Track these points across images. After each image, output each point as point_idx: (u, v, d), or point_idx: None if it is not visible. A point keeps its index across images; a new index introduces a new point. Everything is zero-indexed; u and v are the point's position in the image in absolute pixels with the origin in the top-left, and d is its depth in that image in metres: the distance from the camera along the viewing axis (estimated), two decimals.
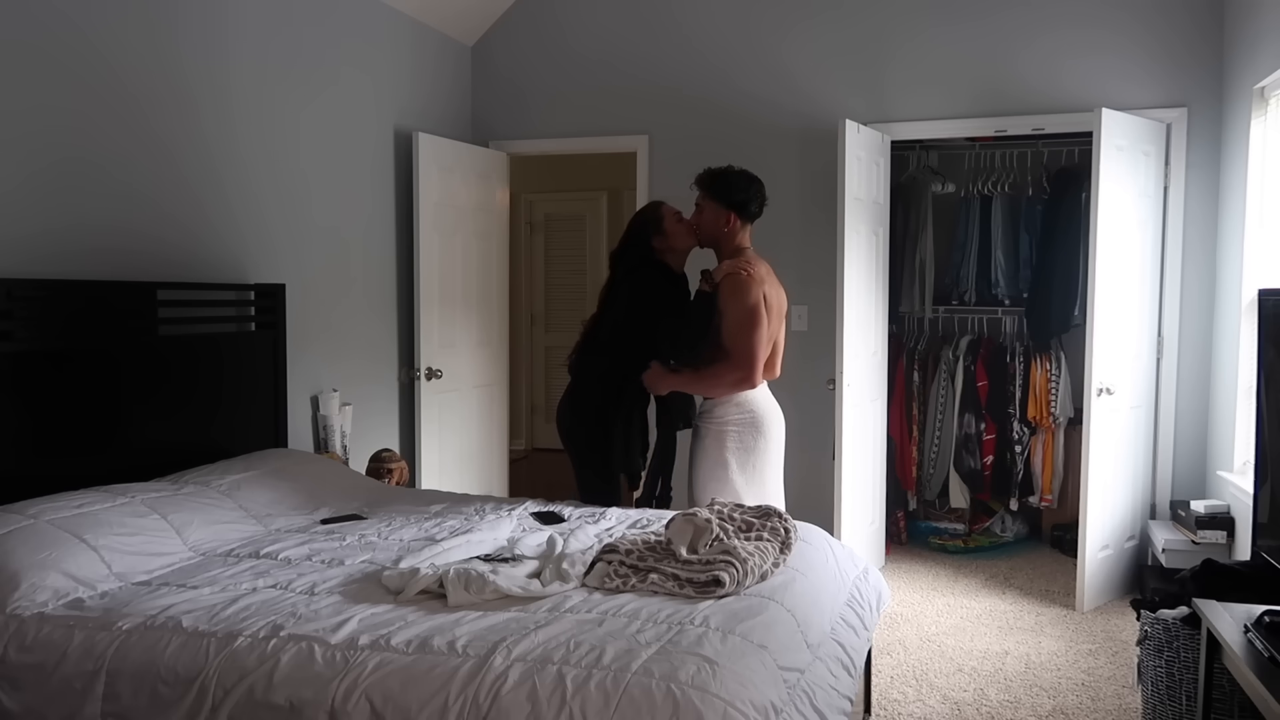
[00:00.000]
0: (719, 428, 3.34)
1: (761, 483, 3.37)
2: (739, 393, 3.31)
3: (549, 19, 5.27)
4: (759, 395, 3.37)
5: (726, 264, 3.36)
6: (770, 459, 3.40)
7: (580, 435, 3.53)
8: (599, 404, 3.44)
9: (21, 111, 2.94)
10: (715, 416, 3.35)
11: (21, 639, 2.22)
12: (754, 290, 3.26)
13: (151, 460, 3.26)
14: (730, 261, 3.36)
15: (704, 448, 3.36)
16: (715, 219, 3.39)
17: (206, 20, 3.63)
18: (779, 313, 3.43)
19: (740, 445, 3.33)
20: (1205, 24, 4.34)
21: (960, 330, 5.50)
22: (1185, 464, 4.48)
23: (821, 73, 4.87)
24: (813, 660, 2.29)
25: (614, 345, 3.45)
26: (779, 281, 3.47)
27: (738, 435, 3.33)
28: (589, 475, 3.54)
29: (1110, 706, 3.26)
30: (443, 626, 2.17)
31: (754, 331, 3.23)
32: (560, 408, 3.62)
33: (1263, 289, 2.81)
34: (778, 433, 3.43)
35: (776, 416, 3.43)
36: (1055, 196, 5.13)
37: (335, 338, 4.37)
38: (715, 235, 3.42)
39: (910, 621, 4.07)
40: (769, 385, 3.47)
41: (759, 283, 3.28)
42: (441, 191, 4.88)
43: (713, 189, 3.39)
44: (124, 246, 3.30)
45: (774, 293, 3.36)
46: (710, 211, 3.40)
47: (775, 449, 3.43)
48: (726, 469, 3.32)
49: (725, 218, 3.37)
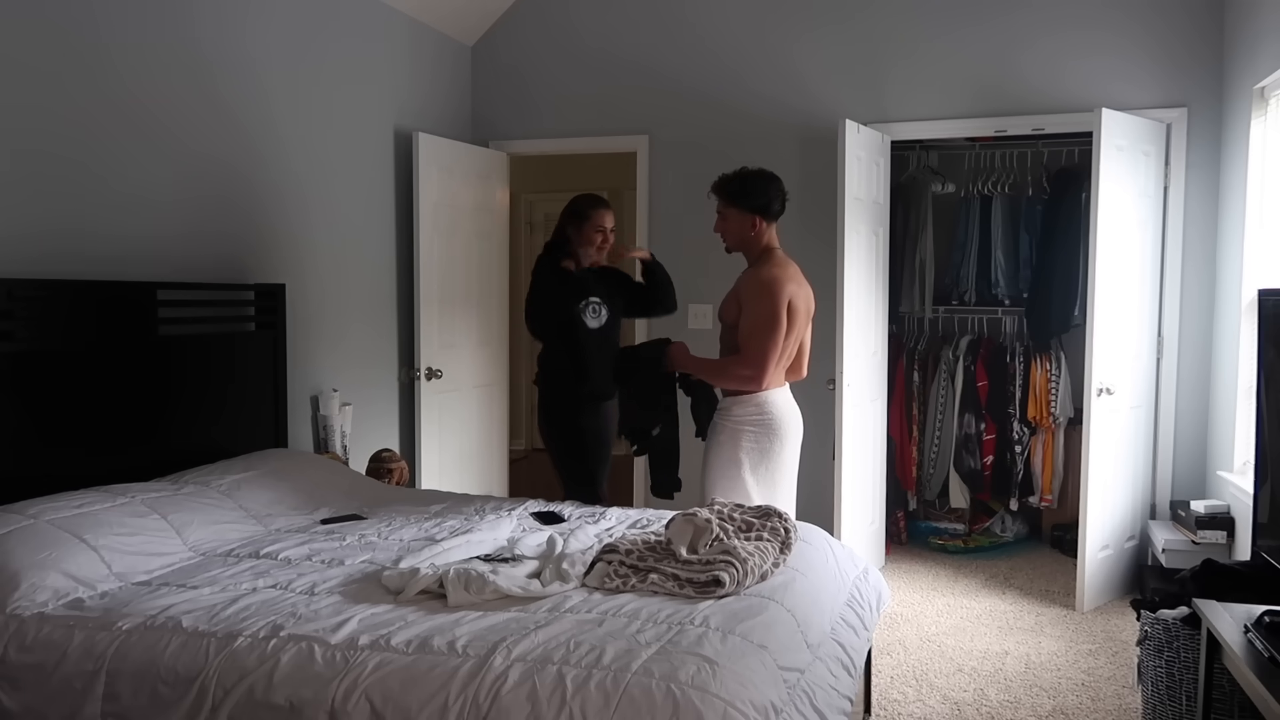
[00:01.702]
0: (735, 426, 3.29)
1: (773, 485, 3.31)
2: (756, 393, 3.27)
3: (549, 19, 5.27)
4: (778, 397, 3.31)
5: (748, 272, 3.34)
6: (784, 462, 3.34)
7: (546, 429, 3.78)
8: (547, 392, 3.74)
9: (21, 111, 2.94)
10: (732, 415, 3.30)
11: (21, 639, 2.22)
12: (778, 294, 3.20)
13: (151, 460, 3.27)
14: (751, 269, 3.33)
15: (718, 445, 3.32)
16: (740, 226, 3.31)
17: (206, 21, 3.63)
18: (806, 314, 3.36)
19: (755, 446, 3.27)
20: (1205, 24, 4.34)
21: (960, 330, 5.50)
22: (1185, 464, 4.49)
23: (821, 73, 4.87)
24: (813, 660, 2.29)
25: (530, 326, 3.69)
26: (807, 281, 3.39)
27: (753, 435, 3.27)
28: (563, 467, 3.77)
29: (1110, 706, 3.26)
30: (443, 626, 2.17)
31: (770, 335, 3.19)
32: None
33: (1263, 289, 2.81)
34: (794, 437, 3.36)
35: (794, 421, 3.36)
36: (1055, 196, 5.13)
37: (335, 338, 4.37)
38: (742, 241, 3.34)
39: (910, 621, 4.07)
40: (792, 388, 3.44)
41: (784, 287, 3.22)
42: (441, 191, 4.88)
43: (733, 196, 3.30)
44: (124, 246, 3.30)
45: (801, 294, 3.30)
46: (734, 219, 3.32)
47: (790, 453, 3.36)
48: (739, 468, 3.28)
49: (750, 222, 3.30)
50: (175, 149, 3.50)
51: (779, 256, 3.33)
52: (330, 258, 4.33)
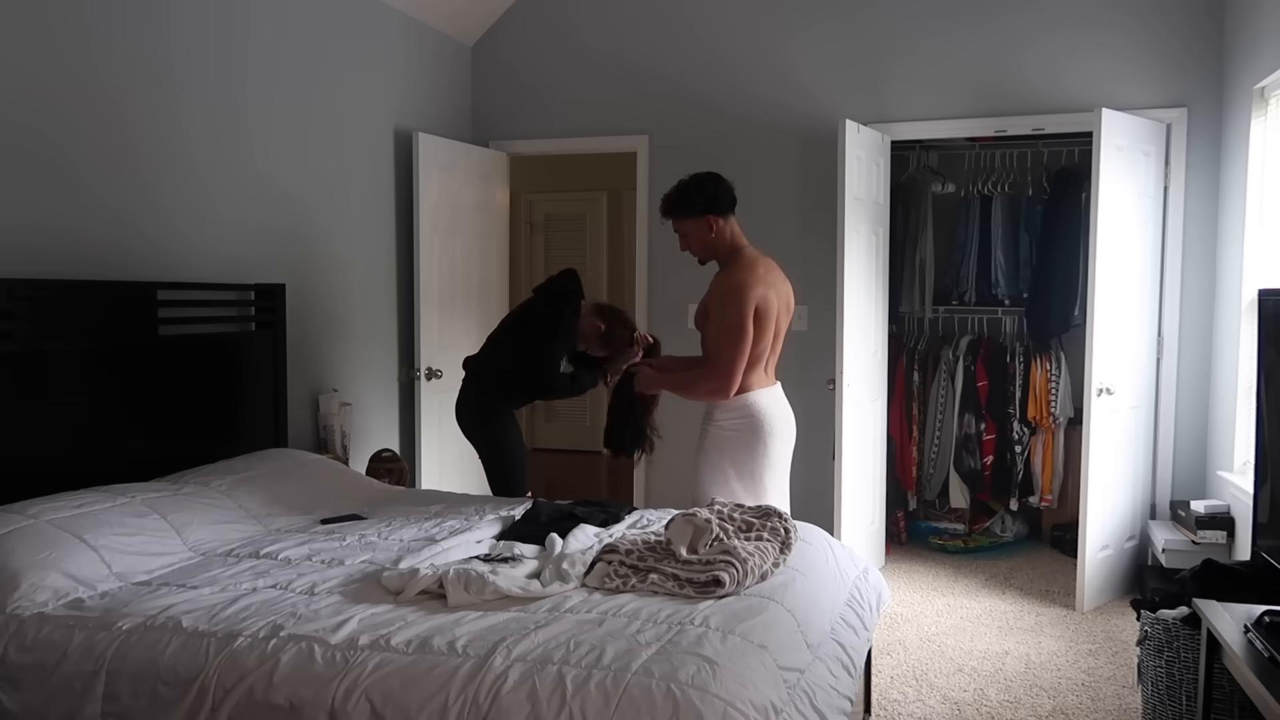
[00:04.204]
0: (719, 432, 3.25)
1: (762, 486, 3.26)
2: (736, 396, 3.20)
3: (549, 19, 5.27)
4: (760, 398, 3.24)
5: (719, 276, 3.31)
6: (772, 463, 3.28)
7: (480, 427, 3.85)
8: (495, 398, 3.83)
9: (20, 109, 2.94)
10: (715, 420, 3.26)
11: (21, 639, 2.22)
12: (743, 300, 3.12)
13: (151, 460, 3.27)
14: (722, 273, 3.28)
15: (703, 451, 3.29)
16: (698, 233, 3.26)
17: (206, 20, 3.63)
18: (786, 310, 3.30)
19: (740, 450, 3.23)
20: (1205, 24, 4.34)
21: (960, 330, 5.50)
22: (1185, 464, 4.48)
23: (821, 73, 4.87)
24: (813, 660, 2.29)
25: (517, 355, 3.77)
26: (785, 276, 3.33)
27: (738, 439, 3.23)
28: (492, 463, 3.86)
29: (1110, 706, 3.26)
30: (443, 627, 2.17)
31: (736, 345, 3.11)
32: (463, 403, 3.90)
33: (1263, 289, 2.81)
34: (782, 436, 3.30)
35: (781, 419, 3.29)
36: (1055, 196, 5.13)
37: (335, 338, 4.37)
38: (705, 247, 3.30)
39: (910, 621, 4.07)
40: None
41: (749, 291, 3.14)
42: (441, 192, 4.88)
43: (678, 208, 3.26)
44: (124, 246, 3.30)
45: (773, 293, 3.22)
46: (691, 230, 3.26)
47: (779, 454, 3.30)
48: (725, 475, 3.24)
49: (705, 225, 3.24)
50: (175, 149, 3.50)
51: (746, 257, 3.25)
52: (330, 258, 4.33)
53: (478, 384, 3.87)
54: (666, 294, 5.12)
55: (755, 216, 4.58)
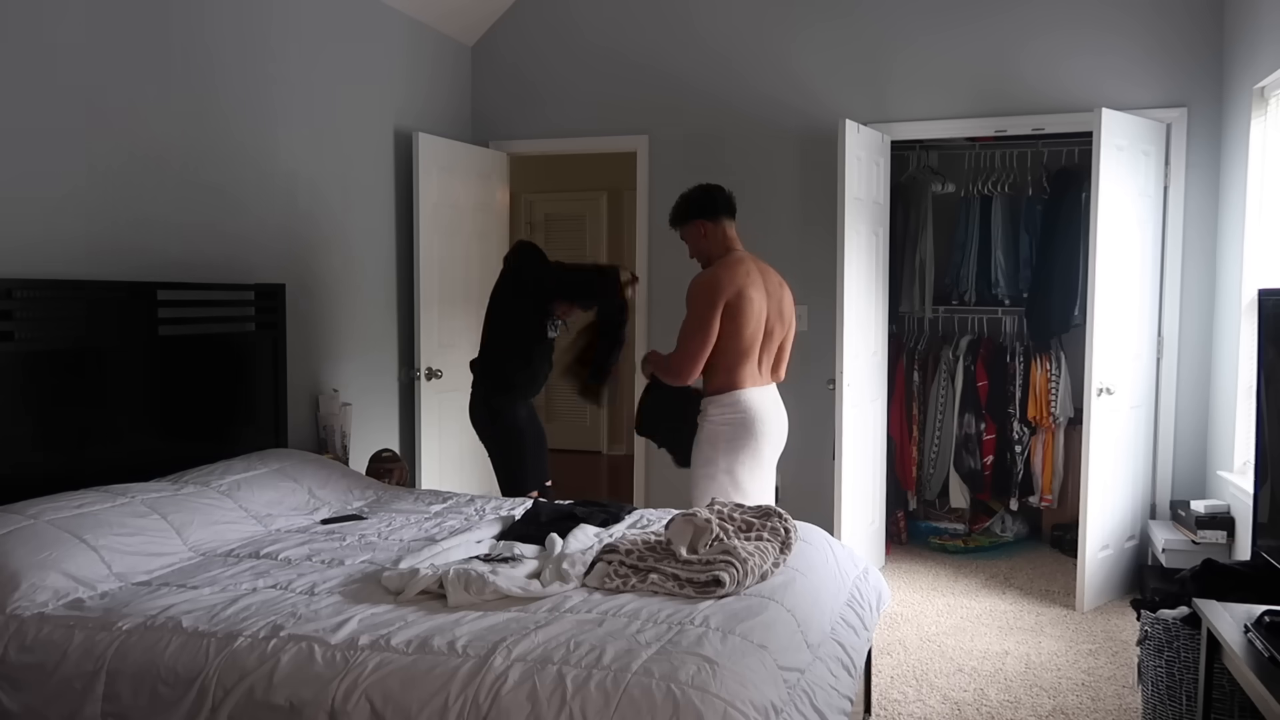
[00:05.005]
0: (711, 426, 3.36)
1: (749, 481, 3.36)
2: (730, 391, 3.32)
3: (549, 18, 5.27)
4: (751, 396, 3.34)
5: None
6: (760, 460, 3.38)
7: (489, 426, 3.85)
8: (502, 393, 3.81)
9: (19, 110, 2.94)
10: (709, 415, 3.37)
11: (22, 639, 2.22)
12: (711, 295, 3.25)
13: (151, 460, 3.27)
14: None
15: (697, 444, 3.40)
16: (694, 238, 3.46)
17: (205, 21, 3.63)
18: (775, 309, 3.39)
19: (731, 444, 3.34)
20: (1205, 24, 4.34)
21: (960, 330, 5.50)
22: (1185, 464, 4.48)
23: (821, 73, 4.87)
24: (813, 660, 2.29)
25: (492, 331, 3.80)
26: (782, 281, 3.45)
27: (728, 433, 3.33)
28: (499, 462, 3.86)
29: (1110, 706, 3.26)
30: (443, 627, 2.17)
31: (695, 337, 3.26)
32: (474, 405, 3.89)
33: (1263, 289, 2.81)
34: (771, 435, 3.40)
35: (771, 419, 3.39)
36: (1055, 196, 5.13)
37: (335, 338, 4.37)
38: (700, 251, 3.46)
39: (910, 621, 4.07)
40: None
41: (720, 287, 3.26)
42: (441, 192, 4.88)
43: (679, 218, 3.46)
44: (124, 246, 3.30)
45: (754, 289, 3.29)
46: (689, 236, 3.47)
47: (768, 451, 3.41)
48: (715, 467, 3.35)
49: (698, 231, 3.43)
50: (175, 149, 3.50)
51: (731, 257, 3.39)
52: (330, 258, 4.33)
53: (484, 383, 3.86)
54: (666, 294, 5.12)
55: (755, 216, 4.59)
